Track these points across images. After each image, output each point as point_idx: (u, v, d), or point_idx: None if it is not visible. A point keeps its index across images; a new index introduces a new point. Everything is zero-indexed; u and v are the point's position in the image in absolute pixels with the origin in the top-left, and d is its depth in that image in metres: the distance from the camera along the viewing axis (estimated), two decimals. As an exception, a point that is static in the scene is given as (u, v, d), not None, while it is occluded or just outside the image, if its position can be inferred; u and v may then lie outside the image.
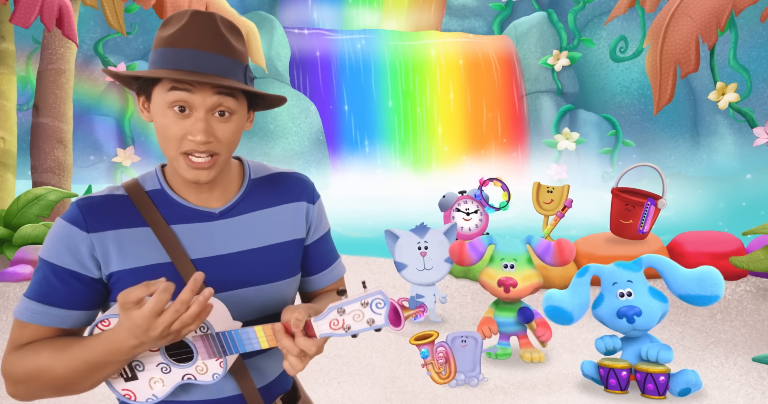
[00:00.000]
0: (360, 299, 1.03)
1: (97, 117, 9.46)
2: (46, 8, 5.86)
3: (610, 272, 3.23)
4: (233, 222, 1.18)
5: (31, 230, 5.91)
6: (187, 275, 1.11)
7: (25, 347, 1.09)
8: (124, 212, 1.12)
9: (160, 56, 1.06)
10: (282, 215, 1.23)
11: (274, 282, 1.20)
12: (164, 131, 1.08)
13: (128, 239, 1.11)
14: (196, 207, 1.16)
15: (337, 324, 1.04)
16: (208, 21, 1.07)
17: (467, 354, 3.34)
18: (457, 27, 10.95)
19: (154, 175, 1.19)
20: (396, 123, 10.06)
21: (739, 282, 5.17)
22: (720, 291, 2.96)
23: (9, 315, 4.56)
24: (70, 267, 1.09)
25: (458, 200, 5.24)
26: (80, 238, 1.09)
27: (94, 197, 1.14)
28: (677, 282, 3.04)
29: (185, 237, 1.14)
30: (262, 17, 9.59)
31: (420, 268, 4.47)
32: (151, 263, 1.11)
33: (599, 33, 9.89)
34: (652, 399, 3.07)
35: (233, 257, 1.16)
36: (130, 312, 0.97)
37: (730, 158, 8.94)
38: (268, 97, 1.17)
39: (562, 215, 4.86)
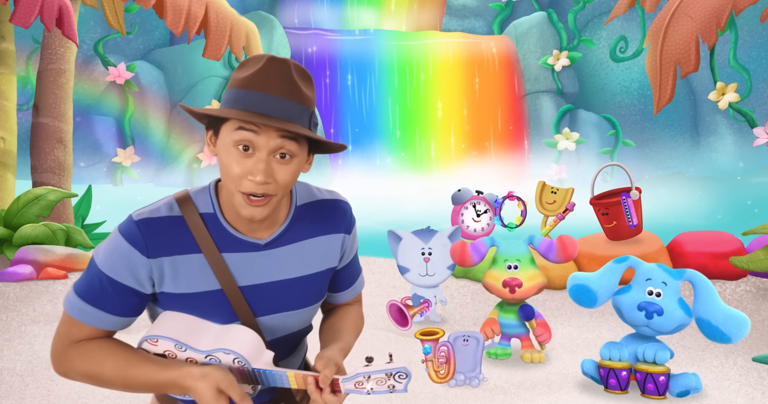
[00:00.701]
0: (386, 371, 1.16)
1: (97, 117, 9.46)
2: (46, 8, 5.86)
3: (649, 268, 3.15)
4: (276, 253, 1.25)
5: (31, 230, 5.91)
6: (235, 301, 1.21)
7: (85, 348, 1.20)
8: (180, 237, 1.19)
9: (233, 97, 1.14)
10: (320, 246, 1.31)
11: (305, 308, 1.31)
12: (227, 168, 1.15)
13: (183, 266, 1.19)
14: (244, 238, 1.23)
15: (361, 385, 1.17)
16: (282, 67, 1.14)
17: (468, 354, 3.34)
18: (457, 27, 10.95)
19: (207, 194, 1.24)
20: (396, 123, 10.06)
21: (739, 282, 5.17)
22: (738, 338, 2.87)
23: (9, 314, 4.57)
24: (127, 283, 1.18)
25: (473, 198, 5.22)
26: (140, 262, 1.17)
27: (153, 218, 1.19)
28: (707, 307, 2.94)
29: (233, 265, 1.21)
30: (262, 17, 9.59)
31: (422, 273, 4.46)
32: (202, 291, 1.20)
33: (599, 33, 9.89)
34: (652, 399, 3.06)
35: (274, 286, 1.25)
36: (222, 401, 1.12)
37: (730, 158, 8.94)
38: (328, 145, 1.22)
39: (563, 218, 4.86)
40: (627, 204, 5.18)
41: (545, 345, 3.78)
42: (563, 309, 4.80)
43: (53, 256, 5.68)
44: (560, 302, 4.95)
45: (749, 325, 2.89)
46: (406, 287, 5.24)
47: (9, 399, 3.14)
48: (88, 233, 6.97)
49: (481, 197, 5.16)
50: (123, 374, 1.18)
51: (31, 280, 5.44)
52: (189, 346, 1.18)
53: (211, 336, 1.20)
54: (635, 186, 5.22)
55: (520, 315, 3.66)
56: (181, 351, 1.20)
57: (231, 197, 1.17)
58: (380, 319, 4.53)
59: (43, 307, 4.76)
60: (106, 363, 1.18)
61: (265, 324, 1.26)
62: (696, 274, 3.05)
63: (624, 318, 3.18)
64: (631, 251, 5.19)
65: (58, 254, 5.72)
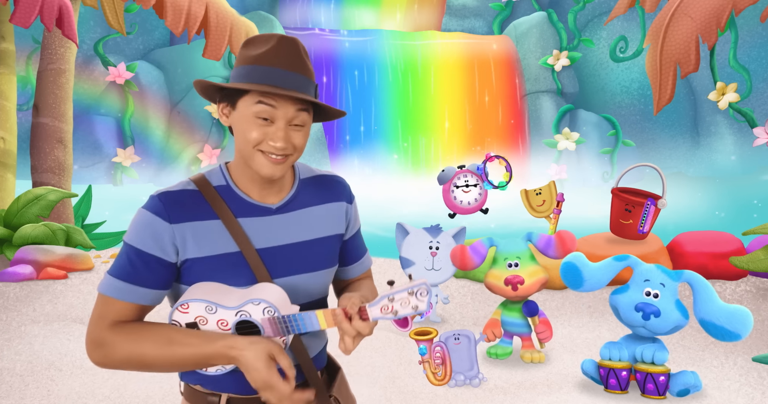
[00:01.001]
0: (407, 289, 1.22)
1: (97, 117, 9.46)
2: (46, 8, 5.86)
3: (648, 269, 3.15)
4: (288, 217, 1.35)
5: (31, 230, 5.91)
6: (253, 262, 1.29)
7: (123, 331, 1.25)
8: (198, 206, 1.29)
9: (246, 72, 1.25)
10: (326, 212, 1.41)
11: (319, 271, 1.39)
12: (246, 134, 1.26)
13: (202, 231, 1.27)
14: (257, 203, 1.33)
15: (387, 310, 1.24)
16: (293, 45, 1.27)
17: (462, 353, 3.34)
18: (457, 27, 10.95)
19: (219, 171, 1.35)
20: (396, 123, 10.06)
21: (739, 282, 5.17)
22: (745, 333, 2.86)
23: (9, 314, 4.57)
24: (153, 253, 1.26)
25: (457, 173, 5.19)
26: (163, 228, 1.25)
27: (171, 191, 1.30)
28: (707, 308, 2.94)
29: (249, 229, 1.31)
30: (262, 17, 9.59)
31: (429, 267, 4.46)
32: (223, 253, 1.28)
33: (599, 33, 9.89)
34: (652, 399, 3.07)
35: (287, 248, 1.34)
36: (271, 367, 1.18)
37: (730, 158, 8.94)
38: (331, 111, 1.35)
39: (560, 211, 4.85)
40: (648, 210, 5.17)
41: (545, 343, 3.78)
42: (563, 309, 4.80)
43: (53, 256, 5.68)
44: (560, 302, 4.95)
45: (752, 318, 2.88)
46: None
47: (9, 399, 3.14)
48: (88, 233, 6.97)
49: (465, 170, 5.13)
50: (166, 353, 1.22)
51: (31, 280, 5.44)
52: (219, 305, 1.23)
53: (238, 294, 1.26)
54: (665, 197, 5.19)
55: (524, 311, 3.65)
56: (211, 314, 1.24)
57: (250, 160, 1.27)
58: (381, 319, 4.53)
59: (43, 307, 4.76)
60: (146, 343, 1.23)
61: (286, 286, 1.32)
62: (694, 275, 3.05)
63: (621, 318, 3.18)
64: (630, 251, 5.18)
65: (58, 254, 5.72)
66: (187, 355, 1.21)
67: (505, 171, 4.85)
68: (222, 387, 1.34)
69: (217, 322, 1.25)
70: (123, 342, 1.23)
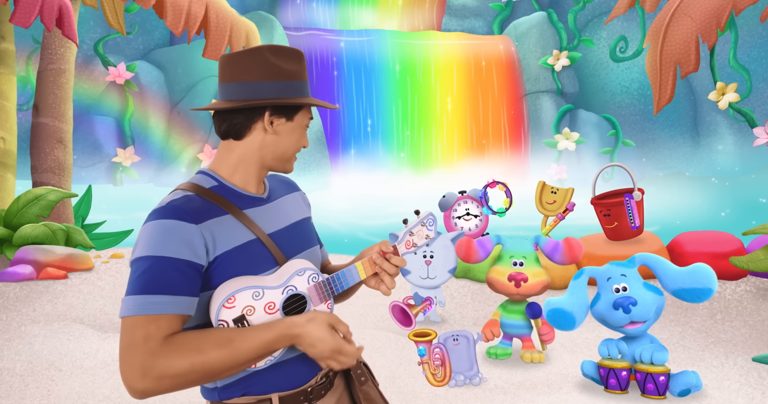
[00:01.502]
0: (420, 221, 1.46)
1: (97, 117, 9.46)
2: (46, 8, 5.86)
3: (604, 270, 3.26)
4: (275, 204, 1.47)
5: (31, 230, 5.91)
6: (269, 245, 1.37)
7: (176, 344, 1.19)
8: (205, 206, 1.32)
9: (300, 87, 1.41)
10: (294, 200, 1.55)
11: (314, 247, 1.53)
12: (301, 141, 1.44)
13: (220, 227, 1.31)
14: (252, 195, 1.42)
15: (409, 244, 1.46)
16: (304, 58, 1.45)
17: (461, 353, 3.34)
18: (457, 27, 10.95)
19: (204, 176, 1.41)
20: (395, 123, 10.06)
21: (739, 282, 5.17)
22: (713, 285, 2.97)
23: (9, 314, 4.57)
24: (186, 258, 1.23)
25: (458, 200, 5.23)
26: (191, 230, 1.26)
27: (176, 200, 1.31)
28: (669, 278, 3.07)
29: (255, 218, 1.39)
30: (262, 17, 9.59)
31: (423, 276, 4.45)
32: (244, 242, 1.33)
33: (599, 33, 9.89)
34: (652, 399, 3.07)
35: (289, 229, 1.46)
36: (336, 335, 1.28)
37: (730, 158, 8.94)
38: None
39: (563, 218, 4.86)
40: (630, 205, 5.19)
41: (547, 345, 3.77)
42: (563, 308, 4.80)
43: (53, 256, 5.68)
44: (560, 302, 4.95)
45: (710, 269, 3.00)
46: (406, 287, 5.25)
47: (9, 399, 3.14)
48: (88, 233, 6.97)
49: (466, 196, 5.16)
50: (231, 352, 1.21)
51: (31, 280, 5.44)
52: (265, 287, 1.28)
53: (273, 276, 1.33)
54: (637, 187, 5.22)
55: (527, 313, 3.64)
56: (258, 299, 1.27)
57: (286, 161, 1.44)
58: (380, 319, 4.53)
59: (43, 307, 4.76)
60: (206, 348, 1.20)
61: None
62: (643, 255, 3.18)
63: (610, 325, 3.21)
64: (630, 252, 5.18)
65: (58, 254, 5.72)
66: (251, 348, 1.22)
67: (505, 197, 4.86)
68: (271, 387, 1.34)
69: (264, 307, 1.27)
70: (183, 355, 1.18)
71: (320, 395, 1.40)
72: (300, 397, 1.36)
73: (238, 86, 1.35)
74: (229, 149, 1.40)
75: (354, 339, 4.04)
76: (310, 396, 1.38)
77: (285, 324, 1.25)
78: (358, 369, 1.48)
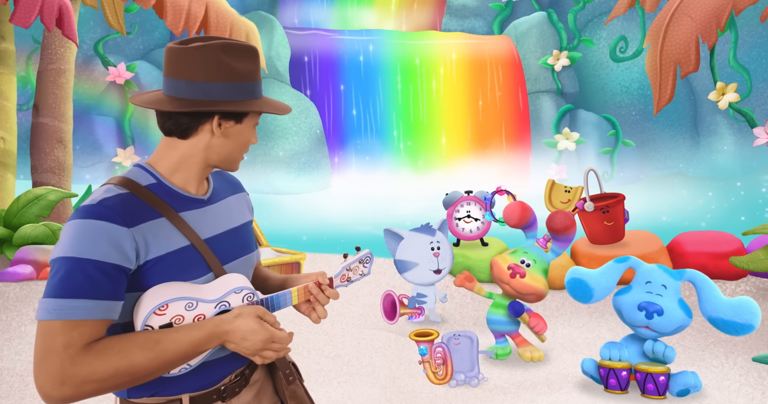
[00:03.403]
0: (359, 259, 1.51)
1: (97, 117, 9.46)
2: (46, 8, 5.86)
3: (650, 270, 3.15)
4: (216, 207, 1.41)
5: (31, 230, 5.91)
6: (204, 252, 1.31)
7: (98, 348, 1.14)
8: (140, 207, 1.25)
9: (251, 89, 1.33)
10: (237, 201, 1.51)
11: (251, 253, 1.48)
12: (246, 142, 1.38)
13: (154, 230, 1.25)
14: (191, 195, 1.36)
15: (344, 278, 1.49)
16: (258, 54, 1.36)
17: (463, 353, 3.34)
18: (457, 27, 10.95)
19: (142, 171, 1.32)
20: (395, 123, 10.06)
21: (739, 282, 5.17)
22: (755, 322, 2.86)
23: (9, 314, 4.57)
24: (114, 262, 1.17)
25: (462, 199, 5.23)
26: (122, 233, 1.19)
27: (109, 197, 1.22)
28: (713, 304, 2.95)
29: (192, 222, 1.33)
30: (262, 17, 9.59)
31: (433, 268, 4.41)
32: (177, 248, 1.28)
33: (599, 33, 9.89)
34: (652, 399, 3.07)
35: (227, 234, 1.40)
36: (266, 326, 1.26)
37: (730, 158, 8.94)
38: None
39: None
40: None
41: (542, 334, 3.75)
42: (563, 308, 4.80)
43: (53, 256, 5.67)
44: (560, 302, 4.95)
45: (758, 306, 2.87)
46: (406, 286, 5.25)
47: (9, 399, 3.14)
48: (88, 233, 6.96)
49: (472, 197, 5.15)
50: (156, 354, 1.16)
51: (31, 280, 5.44)
52: (199, 299, 1.24)
53: (209, 288, 1.28)
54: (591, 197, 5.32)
55: (510, 312, 3.63)
56: (190, 310, 1.23)
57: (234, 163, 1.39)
58: (380, 319, 4.53)
59: (43, 307, 4.76)
60: (132, 350, 1.15)
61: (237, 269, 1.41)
62: (696, 274, 3.05)
63: (624, 319, 3.18)
64: (631, 252, 5.19)
65: (58, 254, 5.71)
66: (180, 349, 1.18)
67: None
68: (181, 389, 1.31)
69: (194, 318, 1.23)
70: (106, 359, 1.13)
71: (234, 392, 1.38)
72: (213, 396, 1.34)
73: (185, 84, 1.26)
74: (172, 146, 1.32)
75: (354, 339, 4.05)
76: (223, 394, 1.35)
77: (213, 323, 1.22)
78: (287, 369, 1.48)
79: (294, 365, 1.53)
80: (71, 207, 7.11)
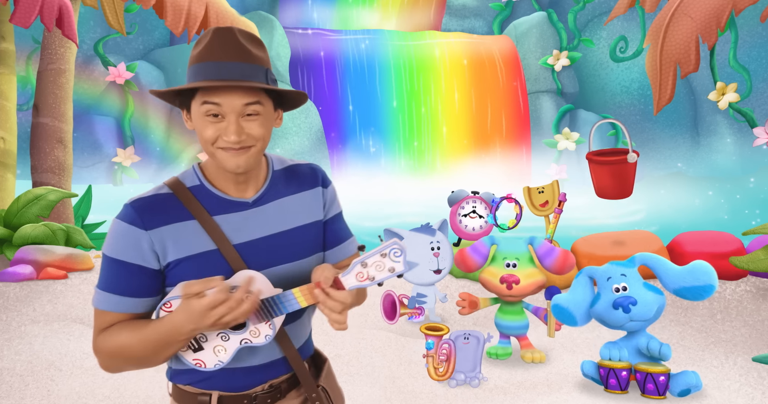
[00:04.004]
0: (379, 251, 1.18)
1: (97, 117, 9.46)
2: (46, 8, 5.86)
3: (604, 269, 3.26)
4: (264, 209, 1.35)
5: (31, 230, 5.91)
6: (231, 259, 1.29)
7: (106, 331, 1.31)
8: (172, 208, 1.29)
9: (193, 72, 1.24)
10: (302, 200, 1.41)
11: (300, 260, 1.38)
12: (202, 134, 1.26)
13: (180, 232, 1.28)
14: (232, 198, 1.33)
15: (363, 276, 1.20)
16: (228, 34, 1.25)
17: (468, 353, 3.34)
18: (457, 27, 10.94)
19: (192, 172, 1.36)
20: (397, 123, 10.06)
21: (739, 282, 5.17)
22: (713, 281, 2.97)
23: (9, 314, 4.57)
24: (134, 262, 1.27)
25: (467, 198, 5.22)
26: (140, 236, 1.26)
27: (144, 197, 1.30)
28: (670, 277, 3.07)
29: (226, 226, 1.31)
30: (262, 17, 9.59)
31: (434, 268, 4.41)
32: (201, 252, 1.29)
33: (599, 33, 9.89)
34: (652, 399, 3.07)
35: (267, 240, 1.34)
36: (191, 302, 1.18)
37: (730, 158, 8.93)
38: (288, 94, 1.33)
39: (561, 211, 4.86)
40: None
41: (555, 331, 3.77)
42: (563, 309, 4.80)
43: (53, 256, 5.67)
44: (560, 302, 4.95)
45: (710, 266, 3.01)
46: (407, 286, 5.25)
47: (9, 399, 3.14)
48: (88, 233, 6.96)
49: (477, 197, 5.15)
50: (139, 337, 1.26)
51: (31, 280, 5.44)
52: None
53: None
54: (633, 149, 5.22)
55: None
56: None
57: (214, 158, 1.28)
58: (380, 319, 4.53)
59: (43, 307, 4.76)
60: (122, 333, 1.28)
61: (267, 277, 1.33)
62: (645, 255, 3.19)
63: (609, 325, 3.22)
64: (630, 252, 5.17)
65: (58, 254, 5.71)
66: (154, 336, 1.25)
67: (513, 218, 4.85)
68: (213, 385, 1.36)
69: None
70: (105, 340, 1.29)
71: (265, 402, 1.38)
72: (243, 400, 1.36)
73: None
74: None
75: (354, 339, 4.05)
76: (253, 401, 1.37)
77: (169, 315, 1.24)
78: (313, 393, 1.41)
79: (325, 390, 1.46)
80: (71, 207, 7.11)
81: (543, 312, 3.80)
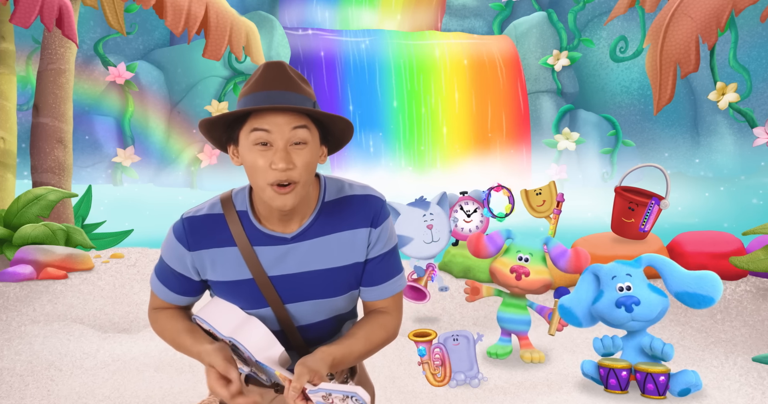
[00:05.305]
0: (343, 393, 1.22)
1: (97, 117, 9.46)
2: (46, 8, 5.86)
3: (609, 268, 3.23)
4: (302, 246, 1.37)
5: (31, 230, 5.91)
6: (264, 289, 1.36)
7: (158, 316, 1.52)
8: (218, 232, 1.37)
9: (243, 103, 1.29)
10: (345, 240, 1.39)
11: (334, 297, 1.42)
12: (253, 165, 1.28)
13: (220, 258, 1.38)
14: (273, 233, 1.37)
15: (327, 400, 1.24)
16: (279, 67, 1.30)
17: (461, 353, 3.34)
18: (457, 27, 10.95)
19: (244, 195, 1.41)
20: (397, 123, 10.06)
21: (739, 282, 5.17)
22: (717, 295, 2.93)
23: (9, 314, 4.57)
24: (178, 270, 1.44)
25: (459, 200, 5.22)
26: (184, 254, 1.41)
27: (197, 216, 1.40)
28: (675, 280, 3.04)
29: (264, 257, 1.36)
30: (262, 17, 9.59)
31: (428, 240, 4.44)
32: (237, 279, 1.38)
33: (599, 33, 9.89)
34: (652, 399, 3.07)
35: (300, 276, 1.38)
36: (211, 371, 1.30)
37: (730, 158, 8.94)
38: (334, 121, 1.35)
39: (560, 211, 4.86)
40: (651, 210, 5.20)
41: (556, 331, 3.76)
42: (563, 308, 4.80)
43: (53, 256, 5.67)
44: (560, 302, 4.95)
45: (719, 279, 2.96)
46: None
47: (9, 399, 3.14)
48: (88, 233, 6.96)
49: (468, 197, 5.16)
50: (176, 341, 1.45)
51: (31, 280, 5.44)
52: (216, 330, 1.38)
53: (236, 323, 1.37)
54: (668, 197, 5.24)
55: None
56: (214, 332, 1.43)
57: (262, 194, 1.30)
58: (380, 319, 4.53)
59: (43, 307, 4.76)
60: (166, 329, 1.48)
61: (294, 311, 1.41)
62: (651, 256, 3.15)
63: (610, 323, 3.21)
64: (631, 251, 5.18)
65: (58, 254, 5.71)
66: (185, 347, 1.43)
67: (507, 202, 4.86)
68: None
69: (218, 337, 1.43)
70: (155, 324, 1.52)
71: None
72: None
73: None
74: None
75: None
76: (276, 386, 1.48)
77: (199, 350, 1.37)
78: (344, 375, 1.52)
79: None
80: (71, 207, 7.11)
81: (548, 311, 3.79)
